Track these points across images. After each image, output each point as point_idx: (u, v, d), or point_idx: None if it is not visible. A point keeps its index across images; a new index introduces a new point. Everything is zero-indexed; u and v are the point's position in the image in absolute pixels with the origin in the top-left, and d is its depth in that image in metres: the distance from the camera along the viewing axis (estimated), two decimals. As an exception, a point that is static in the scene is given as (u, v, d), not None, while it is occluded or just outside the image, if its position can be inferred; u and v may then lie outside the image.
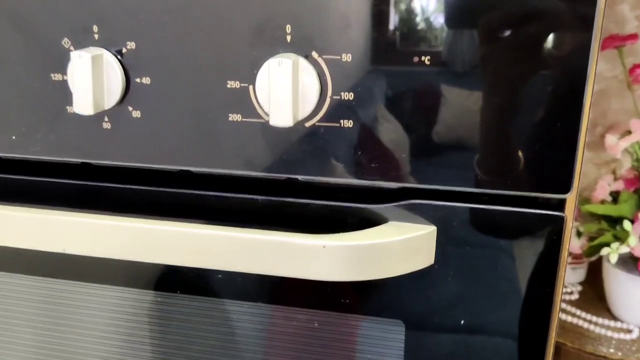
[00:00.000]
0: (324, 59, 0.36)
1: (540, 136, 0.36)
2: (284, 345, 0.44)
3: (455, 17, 0.35)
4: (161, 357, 0.48)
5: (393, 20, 0.35)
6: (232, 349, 0.46)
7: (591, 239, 0.74)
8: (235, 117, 0.39)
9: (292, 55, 0.36)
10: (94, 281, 0.47)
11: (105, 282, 0.47)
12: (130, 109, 0.40)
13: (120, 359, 0.49)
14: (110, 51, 0.39)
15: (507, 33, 0.34)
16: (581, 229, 0.76)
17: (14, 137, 0.43)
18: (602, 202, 0.74)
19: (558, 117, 0.35)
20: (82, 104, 0.38)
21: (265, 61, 0.36)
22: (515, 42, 0.34)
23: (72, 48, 0.39)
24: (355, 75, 0.36)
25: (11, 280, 0.49)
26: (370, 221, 0.39)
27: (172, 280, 0.45)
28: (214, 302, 0.45)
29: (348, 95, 0.37)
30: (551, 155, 0.36)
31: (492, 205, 0.38)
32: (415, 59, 0.35)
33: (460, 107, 0.36)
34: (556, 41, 0.34)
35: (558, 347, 0.71)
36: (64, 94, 0.40)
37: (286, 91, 0.35)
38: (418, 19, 0.35)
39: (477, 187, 0.38)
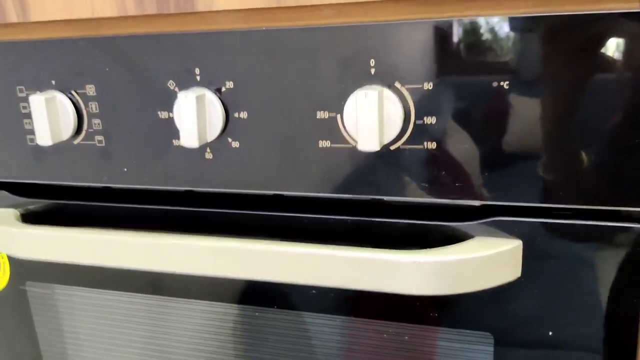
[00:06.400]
0: (406, 88, 0.39)
1: (620, 148, 0.36)
2: (375, 358, 0.46)
3: (527, 36, 0.36)
4: (258, 369, 0.51)
5: (470, 47, 0.37)
6: (324, 360, 0.48)
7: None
8: (324, 143, 0.42)
9: (377, 87, 0.39)
10: (195, 297, 0.51)
11: (205, 298, 0.51)
12: (230, 140, 0.44)
13: (220, 370, 0.52)
14: (210, 90, 0.43)
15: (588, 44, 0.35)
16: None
17: (125, 169, 0.48)
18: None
19: (638, 128, 0.36)
20: (189, 138, 0.42)
21: (351, 92, 0.39)
22: (589, 51, 0.35)
23: (176, 89, 0.44)
24: (437, 100, 0.39)
25: (115, 298, 0.54)
26: (456, 239, 0.41)
27: (269, 296, 0.48)
28: (308, 317, 0.48)
29: (430, 119, 0.39)
30: (632, 168, 0.37)
31: (575, 219, 0.39)
32: (495, 83, 0.37)
33: (540, 126, 0.37)
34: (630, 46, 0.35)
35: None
36: (170, 129, 0.45)
37: (372, 119, 0.38)
38: (491, 42, 0.37)
39: (559, 202, 0.39)
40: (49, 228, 0.50)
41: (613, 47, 0.35)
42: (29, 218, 0.53)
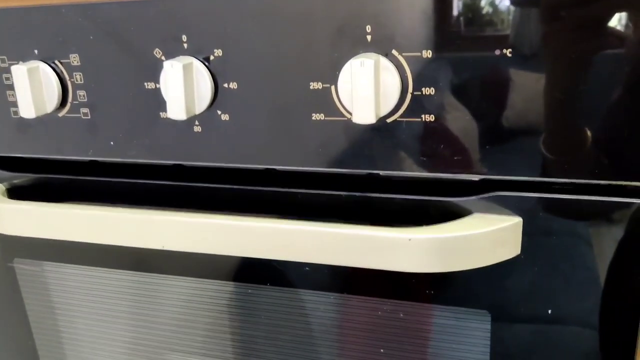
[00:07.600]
0: (404, 57, 0.37)
1: (625, 120, 0.35)
2: (370, 336, 0.46)
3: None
4: (250, 348, 0.50)
5: (473, 14, 0.35)
6: (319, 338, 0.48)
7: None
8: (318, 116, 0.40)
9: (373, 55, 0.37)
10: (187, 275, 0.50)
11: (197, 276, 0.50)
12: (219, 112, 0.42)
13: (213, 349, 0.52)
14: (198, 59, 0.41)
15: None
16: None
17: (112, 143, 0.46)
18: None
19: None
20: (176, 110, 0.40)
21: (346, 62, 0.38)
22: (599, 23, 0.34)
23: (163, 58, 0.42)
24: (436, 70, 0.37)
25: (105, 275, 0.53)
26: (454, 214, 0.39)
27: (262, 273, 0.47)
28: (302, 294, 0.47)
29: (429, 90, 0.37)
30: (636, 142, 0.35)
31: (579, 194, 0.38)
32: (497, 51, 0.35)
33: (543, 97, 0.36)
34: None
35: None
36: (157, 101, 0.43)
37: (369, 90, 0.36)
38: (500, 9, 0.35)
39: (563, 177, 0.37)
40: (36, 203, 0.48)
41: (617, 18, 0.33)
42: (15, 193, 0.52)
